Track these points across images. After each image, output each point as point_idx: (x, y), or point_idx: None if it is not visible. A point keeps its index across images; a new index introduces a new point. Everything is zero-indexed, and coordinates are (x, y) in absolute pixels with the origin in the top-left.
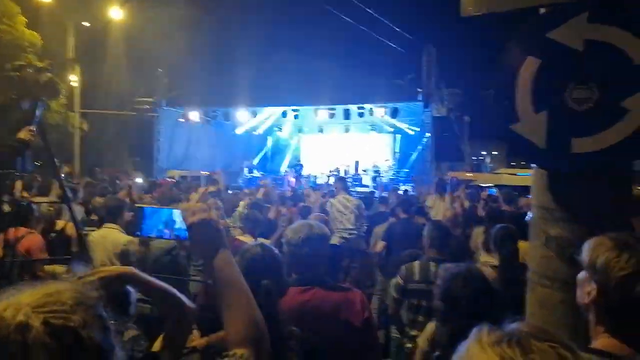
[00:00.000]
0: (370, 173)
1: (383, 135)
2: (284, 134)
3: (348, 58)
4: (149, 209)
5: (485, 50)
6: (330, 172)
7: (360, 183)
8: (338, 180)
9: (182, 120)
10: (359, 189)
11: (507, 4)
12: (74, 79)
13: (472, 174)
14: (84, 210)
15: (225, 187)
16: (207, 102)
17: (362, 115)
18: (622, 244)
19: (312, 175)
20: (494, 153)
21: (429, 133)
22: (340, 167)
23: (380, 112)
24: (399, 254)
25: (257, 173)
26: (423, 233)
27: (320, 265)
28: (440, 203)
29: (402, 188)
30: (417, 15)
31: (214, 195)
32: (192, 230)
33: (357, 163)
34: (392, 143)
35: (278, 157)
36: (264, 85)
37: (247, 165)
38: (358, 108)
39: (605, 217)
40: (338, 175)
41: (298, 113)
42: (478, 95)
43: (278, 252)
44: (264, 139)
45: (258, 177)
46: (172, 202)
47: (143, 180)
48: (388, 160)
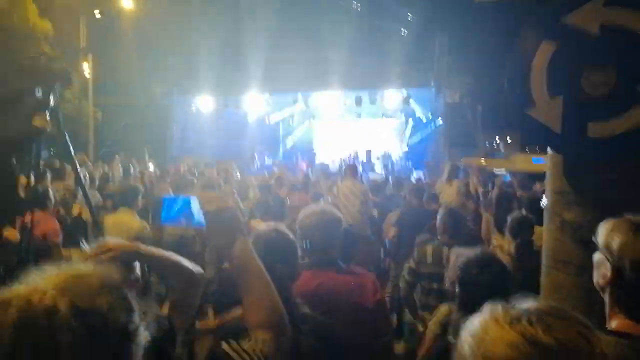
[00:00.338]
0: (382, 160)
1: (395, 122)
2: (296, 121)
3: (360, 44)
4: (168, 199)
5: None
6: (342, 159)
7: (373, 170)
8: (348, 167)
9: (194, 108)
10: (372, 176)
11: None
12: (87, 69)
13: (485, 160)
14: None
15: (237, 174)
16: (219, 90)
17: (374, 102)
18: (637, 226)
19: (324, 163)
20: (508, 139)
21: (441, 119)
22: (352, 154)
23: (392, 98)
24: (411, 240)
25: (268, 160)
26: (436, 219)
27: (333, 249)
28: (448, 188)
29: (414, 175)
30: (430, 2)
31: (226, 182)
32: (209, 219)
33: (368, 152)
34: (404, 129)
35: (290, 144)
36: (276, 73)
37: (259, 153)
38: (370, 94)
39: (620, 201)
40: (348, 162)
41: (309, 99)
42: (491, 83)
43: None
44: (276, 127)
45: (270, 164)
46: (185, 188)
47: (156, 167)
48: (400, 147)
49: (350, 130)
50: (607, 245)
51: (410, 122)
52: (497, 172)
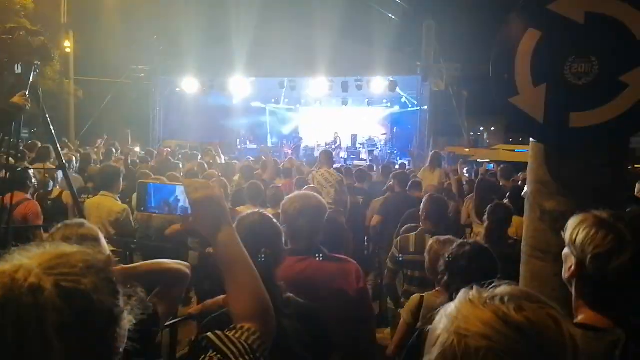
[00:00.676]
0: (367, 146)
1: (380, 109)
2: (281, 106)
3: (347, 30)
4: (153, 185)
5: (485, 24)
6: (327, 144)
7: (358, 157)
8: (322, 153)
9: (178, 90)
10: (356, 163)
11: None
12: (68, 46)
13: (469, 149)
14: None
15: (222, 158)
16: (203, 72)
17: (360, 88)
18: (601, 222)
19: (309, 148)
20: (492, 129)
21: (427, 107)
22: (335, 138)
23: (378, 85)
24: (395, 228)
25: (252, 145)
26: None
27: (316, 236)
28: (429, 175)
29: (399, 162)
30: None
31: (210, 167)
32: (195, 207)
33: (354, 137)
34: (389, 116)
35: (275, 129)
36: (262, 56)
37: (243, 137)
38: (356, 80)
39: (600, 191)
40: (323, 148)
41: (295, 84)
42: (477, 69)
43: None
44: (262, 111)
45: (254, 148)
46: (169, 171)
47: (140, 149)
48: (385, 134)
49: (336, 117)
50: (572, 240)
51: (396, 109)
52: (480, 160)
